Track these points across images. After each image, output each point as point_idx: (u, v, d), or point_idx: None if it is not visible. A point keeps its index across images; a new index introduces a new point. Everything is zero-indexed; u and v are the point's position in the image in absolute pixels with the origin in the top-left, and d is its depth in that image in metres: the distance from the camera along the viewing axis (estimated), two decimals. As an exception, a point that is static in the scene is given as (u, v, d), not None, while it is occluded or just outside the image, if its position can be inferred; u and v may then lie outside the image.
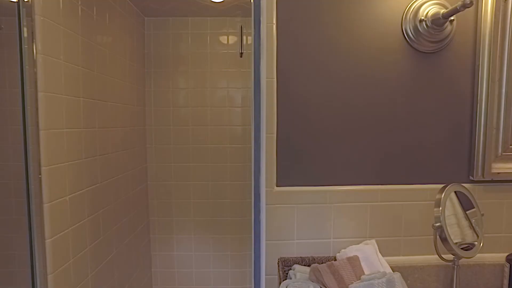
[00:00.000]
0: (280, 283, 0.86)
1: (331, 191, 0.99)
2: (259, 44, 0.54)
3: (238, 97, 1.96)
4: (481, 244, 0.93)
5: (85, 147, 1.16)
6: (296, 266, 0.91)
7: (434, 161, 1.04)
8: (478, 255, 1.01)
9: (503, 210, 1.06)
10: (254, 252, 0.56)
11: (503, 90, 1.01)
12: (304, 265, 0.93)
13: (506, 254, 1.02)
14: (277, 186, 0.97)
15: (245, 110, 1.97)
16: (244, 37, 1.90)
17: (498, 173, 1.02)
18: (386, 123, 1.01)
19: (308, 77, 0.97)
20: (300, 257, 0.95)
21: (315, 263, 0.88)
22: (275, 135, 0.96)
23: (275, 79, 0.95)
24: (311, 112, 0.98)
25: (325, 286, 0.80)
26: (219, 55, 1.94)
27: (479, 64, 1.01)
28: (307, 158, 0.99)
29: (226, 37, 1.93)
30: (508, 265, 1.00)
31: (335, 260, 0.91)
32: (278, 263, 0.93)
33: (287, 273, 0.93)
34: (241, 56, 1.91)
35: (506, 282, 1.00)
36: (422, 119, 1.02)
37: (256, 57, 0.55)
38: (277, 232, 0.98)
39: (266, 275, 0.98)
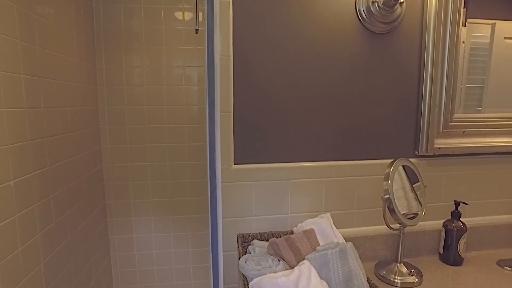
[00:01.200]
0: (239, 259, 0.88)
1: (288, 168, 1.01)
2: (212, 20, 0.53)
3: (195, 76, 1.92)
4: (423, 213, 1.02)
5: (30, 128, 1.08)
6: (255, 241, 0.94)
7: (384, 138, 1.10)
8: (421, 222, 1.10)
9: (443, 181, 1.16)
10: (211, 230, 0.57)
11: (445, 72, 1.08)
12: (263, 240, 0.96)
13: (443, 220, 1.13)
14: (235, 164, 0.98)
15: (202, 89, 1.94)
16: (200, 13, 1.84)
17: (439, 148, 1.11)
18: (340, 101, 1.04)
19: (265, 55, 0.97)
20: (259, 232, 0.97)
21: (273, 237, 0.92)
22: (231, 113, 0.96)
23: (231, 57, 0.94)
24: (268, 90, 0.99)
25: (283, 259, 0.84)
26: (174, 31, 1.87)
27: (425, 46, 1.07)
28: (264, 136, 1.00)
29: (181, 13, 1.86)
30: (444, 229, 1.10)
31: (292, 234, 0.94)
32: (237, 239, 0.95)
33: (246, 249, 0.95)
34: (196, 33, 1.85)
35: (442, 244, 1.11)
36: (374, 98, 1.07)
37: (209, 33, 0.53)
38: (236, 209, 1.00)
39: (225, 251, 1.00)
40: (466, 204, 1.10)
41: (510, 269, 1.07)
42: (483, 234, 1.19)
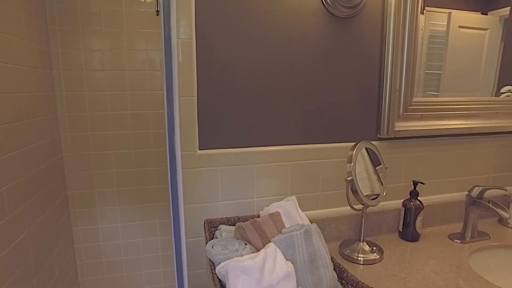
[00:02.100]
0: (206, 244, 0.88)
1: (254, 152, 1.02)
2: (168, 1, 0.50)
3: (159, 60, 1.86)
4: (384, 194, 1.06)
5: (-24, 116, 1.00)
6: (222, 226, 0.94)
7: (347, 122, 1.12)
8: (382, 203, 1.16)
9: (402, 163, 1.22)
10: (173, 217, 0.56)
11: (405, 57, 1.11)
12: (230, 225, 0.96)
13: (403, 200, 1.19)
14: (200, 150, 0.97)
15: (167, 74, 1.88)
16: (163, -5, 1.76)
17: (399, 130, 1.15)
18: (305, 86, 1.05)
19: (229, 38, 0.95)
20: (226, 217, 0.97)
21: (240, 222, 0.92)
22: (195, 97, 0.94)
23: (194, 39, 0.91)
24: (233, 74, 0.97)
25: (249, 242, 0.85)
26: (136, 13, 1.79)
27: (386, 32, 1.10)
28: (230, 120, 0.99)
29: (143, -7, 1.78)
30: (403, 208, 1.16)
31: (259, 217, 0.95)
32: (204, 225, 0.95)
33: (213, 234, 0.95)
34: (157, 15, 1.79)
35: (401, 222, 1.17)
36: (337, 82, 1.09)
37: (166, 14, 0.51)
38: (202, 195, 0.99)
39: (192, 237, 1.00)
40: (423, 183, 1.16)
41: (459, 241, 1.15)
42: (437, 211, 1.27)
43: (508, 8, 1.27)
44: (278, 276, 0.71)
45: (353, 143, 1.00)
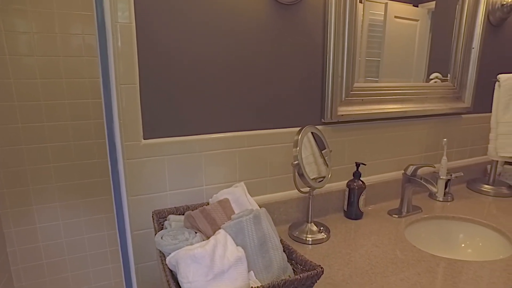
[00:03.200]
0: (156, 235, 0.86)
1: (201, 140, 1.00)
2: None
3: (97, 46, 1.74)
4: (329, 176, 1.11)
5: None
6: (171, 216, 0.92)
7: (293, 107, 1.15)
8: (328, 184, 1.21)
9: (345, 146, 1.28)
10: (116, 209, 0.53)
11: (346, 44, 1.16)
12: (179, 214, 0.94)
13: (347, 181, 1.25)
14: (144, 139, 0.93)
15: (107, 60, 1.77)
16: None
17: (342, 115, 1.21)
18: (250, 73, 1.05)
19: (170, 25, 0.91)
20: (175, 207, 0.95)
21: (189, 211, 0.91)
22: (137, 85, 0.89)
23: (133, 24, 0.86)
24: (176, 61, 0.94)
25: (199, 230, 0.84)
26: (68, -7, 1.64)
27: (328, 20, 1.13)
28: (175, 108, 0.96)
29: (75, -29, 1.63)
30: (347, 189, 1.23)
31: (208, 205, 0.95)
32: (152, 216, 0.92)
33: (162, 225, 0.93)
34: (94, -5, 1.66)
35: (346, 202, 1.24)
36: (283, 69, 1.10)
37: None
38: (149, 185, 0.95)
39: (140, 230, 0.97)
40: (365, 164, 1.23)
41: (397, 216, 1.25)
42: (378, 189, 1.36)
43: (434, 2, 1.37)
44: (229, 261, 0.71)
45: (299, 128, 1.03)
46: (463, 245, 1.24)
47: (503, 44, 1.65)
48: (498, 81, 1.42)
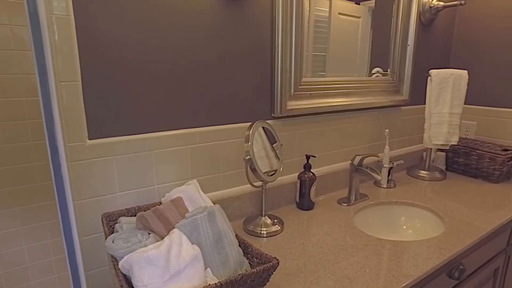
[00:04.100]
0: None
1: (150, 138, 0.97)
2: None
3: (28, 38, 1.59)
4: (281, 169, 1.14)
5: None
6: (122, 219, 0.88)
7: (244, 103, 1.15)
8: (280, 178, 1.24)
9: (295, 139, 1.32)
10: (61, 215, 0.50)
11: (293, 39, 1.19)
12: (131, 216, 0.91)
13: (298, 173, 1.29)
14: (89, 139, 0.88)
15: (42, 54, 1.63)
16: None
17: (291, 109, 1.24)
18: (199, 69, 1.03)
19: (110, 20, 0.86)
20: (126, 209, 0.92)
21: (141, 211, 0.88)
22: (80, 82, 0.84)
23: (72, 17, 0.80)
24: (121, 57, 0.89)
25: (153, 231, 0.82)
26: (-8, -20, 1.48)
27: (275, 15, 1.14)
28: (122, 106, 0.92)
29: (0, -44, 1.48)
30: (298, 181, 1.27)
31: (161, 205, 0.92)
32: (102, 220, 0.88)
33: (113, 228, 0.89)
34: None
35: (297, 194, 1.28)
36: (232, 64, 1.10)
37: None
38: (97, 188, 0.90)
39: (89, 235, 0.92)
40: (315, 157, 1.28)
41: (346, 204, 1.32)
42: (328, 180, 1.43)
43: (374, 0, 1.46)
44: (185, 260, 0.70)
45: (250, 123, 1.04)
46: (404, 227, 1.34)
47: (433, 42, 1.80)
48: (430, 76, 1.55)
